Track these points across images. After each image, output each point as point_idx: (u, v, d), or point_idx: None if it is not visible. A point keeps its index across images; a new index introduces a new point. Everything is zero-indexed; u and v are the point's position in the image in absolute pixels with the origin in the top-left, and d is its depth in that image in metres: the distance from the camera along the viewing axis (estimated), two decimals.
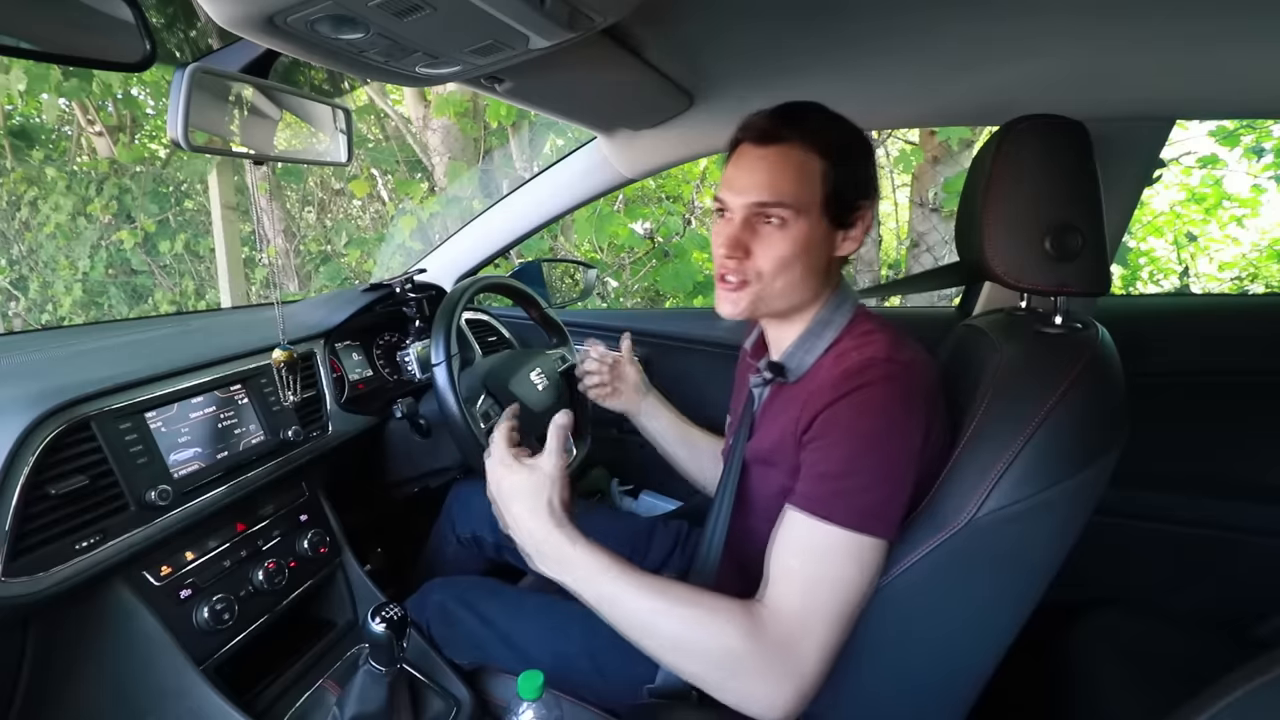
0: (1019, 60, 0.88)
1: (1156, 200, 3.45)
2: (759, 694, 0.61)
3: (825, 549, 0.62)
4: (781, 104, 0.74)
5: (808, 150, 0.71)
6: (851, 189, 0.73)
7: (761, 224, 0.72)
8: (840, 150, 0.72)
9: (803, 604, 0.62)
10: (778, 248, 0.72)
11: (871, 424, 0.64)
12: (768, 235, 0.72)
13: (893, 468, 0.63)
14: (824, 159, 0.71)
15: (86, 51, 0.64)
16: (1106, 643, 0.93)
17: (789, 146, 0.71)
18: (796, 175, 0.71)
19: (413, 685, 0.85)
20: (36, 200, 4.50)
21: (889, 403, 0.64)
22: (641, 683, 0.77)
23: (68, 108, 4.10)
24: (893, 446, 0.63)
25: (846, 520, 0.62)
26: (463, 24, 0.61)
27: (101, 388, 0.76)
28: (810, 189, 0.71)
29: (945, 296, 2.63)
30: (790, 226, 0.71)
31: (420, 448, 1.15)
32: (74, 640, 0.75)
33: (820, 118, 0.73)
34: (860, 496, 0.62)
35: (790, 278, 0.73)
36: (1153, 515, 1.21)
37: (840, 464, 0.63)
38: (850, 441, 0.64)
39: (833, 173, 0.71)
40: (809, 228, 0.71)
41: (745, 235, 0.72)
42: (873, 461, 0.63)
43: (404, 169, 3.75)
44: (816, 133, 0.72)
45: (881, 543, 0.63)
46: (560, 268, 1.88)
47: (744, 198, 0.72)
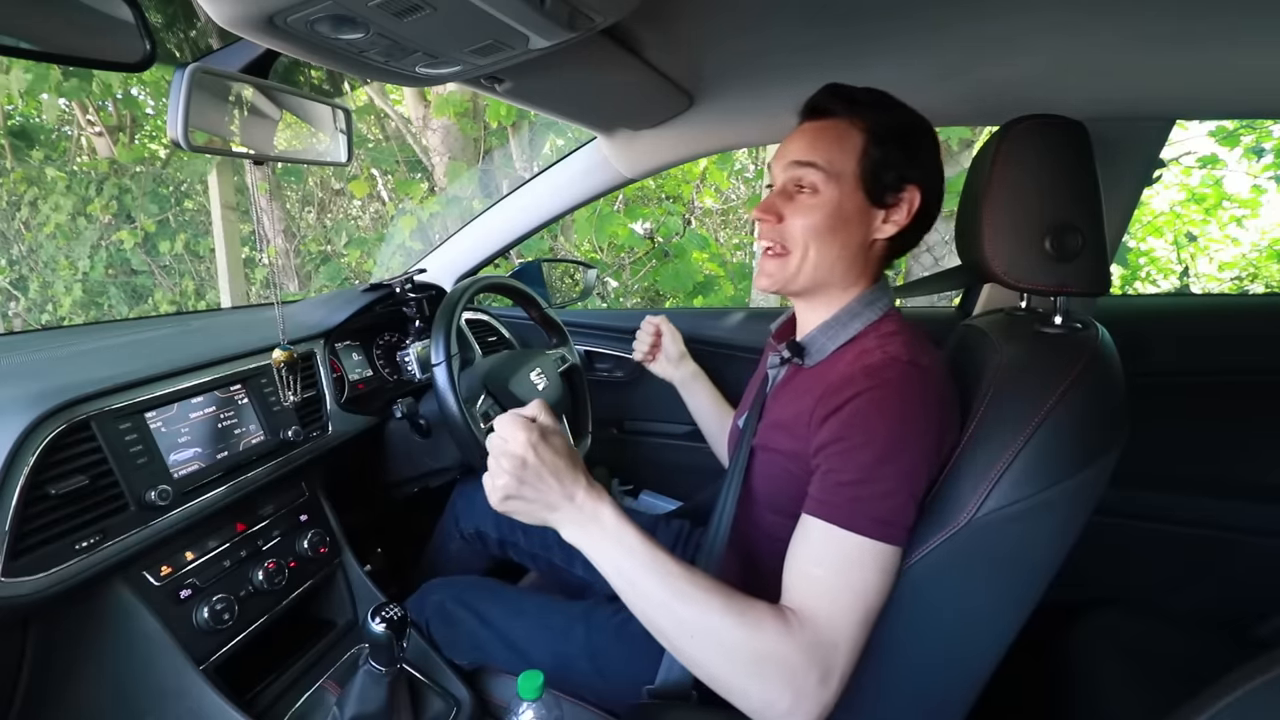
0: (1019, 60, 0.88)
1: (1156, 200, 3.45)
2: (784, 700, 0.58)
3: (848, 557, 0.61)
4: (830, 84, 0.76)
5: (851, 123, 0.73)
6: (894, 167, 0.73)
7: (797, 192, 0.74)
8: (885, 127, 0.73)
9: (832, 613, 0.60)
10: (809, 213, 0.73)
11: (889, 428, 0.63)
12: (801, 201, 0.74)
13: (909, 474, 0.63)
14: (865, 133, 0.73)
15: (86, 51, 0.64)
16: (1106, 642, 0.93)
17: (835, 120, 0.74)
18: (834, 142, 0.73)
19: (413, 685, 0.85)
20: (36, 200, 4.50)
21: (907, 406, 0.64)
22: (641, 683, 0.77)
23: (68, 108, 4.11)
24: (910, 452, 0.63)
25: (867, 529, 0.61)
26: (463, 24, 0.61)
27: (101, 388, 0.76)
28: (846, 157, 0.72)
29: (945, 296, 2.63)
30: (821, 192, 0.73)
31: (420, 448, 1.15)
32: (74, 640, 0.75)
33: (873, 97, 0.75)
34: (879, 504, 0.62)
35: (824, 250, 0.74)
36: (1153, 515, 1.21)
37: (859, 471, 0.63)
38: (869, 446, 0.63)
39: (873, 147, 0.72)
40: (841, 197, 0.73)
41: (779, 200, 0.75)
42: (891, 468, 0.62)
43: (404, 169, 3.75)
44: (864, 109, 0.73)
45: (899, 549, 0.63)
46: (560, 268, 1.88)
47: (784, 158, 0.75)
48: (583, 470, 0.65)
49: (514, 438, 0.63)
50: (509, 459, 0.63)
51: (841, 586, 0.61)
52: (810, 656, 0.58)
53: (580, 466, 0.66)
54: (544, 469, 0.63)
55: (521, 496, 0.63)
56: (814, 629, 0.60)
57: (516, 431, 0.63)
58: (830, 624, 0.60)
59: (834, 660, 0.59)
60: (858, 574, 0.61)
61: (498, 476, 0.63)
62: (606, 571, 0.63)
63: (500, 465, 0.63)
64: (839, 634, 0.60)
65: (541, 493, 0.63)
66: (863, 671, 0.69)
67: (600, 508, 0.64)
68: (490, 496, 0.65)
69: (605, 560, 0.63)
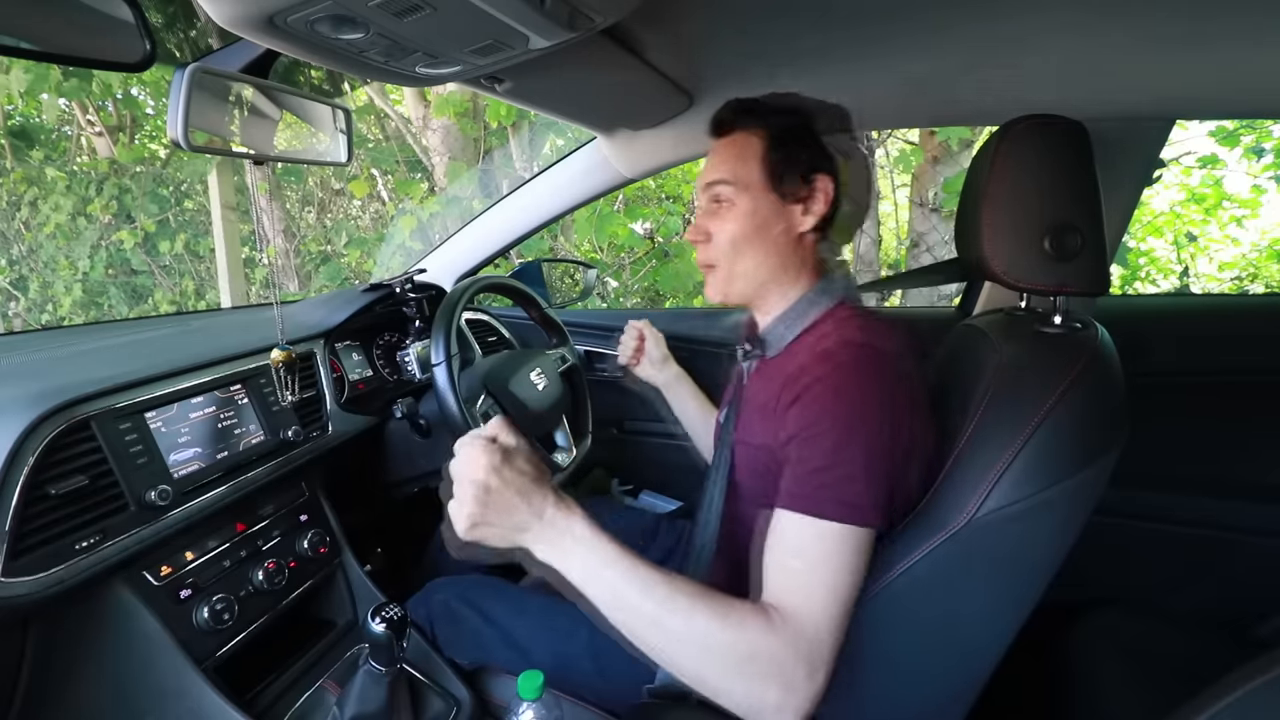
0: (1019, 60, 0.88)
1: (1156, 200, 3.45)
2: (771, 696, 0.58)
3: (820, 546, 0.62)
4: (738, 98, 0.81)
5: (750, 132, 0.78)
6: (798, 163, 0.77)
7: (713, 207, 0.79)
8: (781, 128, 0.78)
9: (811, 605, 0.61)
10: (729, 225, 0.77)
11: (846, 410, 0.64)
12: (720, 215, 0.78)
13: (873, 454, 0.63)
14: (763, 139, 0.77)
15: (86, 51, 0.64)
16: (1106, 642, 0.93)
17: (735, 133, 0.79)
18: (736, 155, 0.78)
19: (413, 685, 0.85)
20: (36, 200, 4.50)
21: (862, 387, 0.65)
22: (642, 683, 0.77)
23: (68, 108, 4.10)
24: (870, 432, 0.63)
25: (835, 514, 0.61)
26: (463, 24, 0.61)
27: (101, 388, 0.76)
28: (749, 166, 0.77)
29: (945, 296, 2.63)
30: (734, 204, 0.77)
31: (420, 448, 1.15)
32: (74, 640, 0.75)
33: (771, 102, 0.79)
34: (845, 487, 0.62)
35: (752, 256, 0.78)
36: (1153, 515, 1.21)
37: (822, 457, 0.63)
38: (829, 432, 0.64)
39: (773, 150, 0.77)
40: (754, 203, 0.77)
41: (704, 220, 0.79)
42: (853, 451, 0.63)
43: (404, 169, 3.75)
44: (759, 116, 0.78)
45: (871, 532, 0.63)
46: (560, 268, 1.88)
47: (699, 184, 0.80)
48: (550, 485, 0.64)
49: (474, 462, 0.61)
50: (471, 485, 0.61)
51: (818, 576, 0.61)
52: (796, 651, 0.59)
53: (547, 481, 0.64)
54: (508, 490, 0.61)
55: (488, 522, 0.61)
56: (796, 623, 0.60)
57: (477, 455, 0.61)
58: (811, 616, 0.60)
59: (819, 652, 0.59)
60: (832, 562, 0.61)
61: (463, 504, 0.61)
62: (582, 583, 0.61)
63: (464, 492, 0.61)
64: (821, 625, 0.60)
65: (509, 515, 0.61)
66: (863, 671, 0.69)
67: (572, 521, 0.62)
68: (456, 525, 0.62)
69: (583, 573, 0.61)
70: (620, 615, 0.61)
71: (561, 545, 0.62)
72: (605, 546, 0.62)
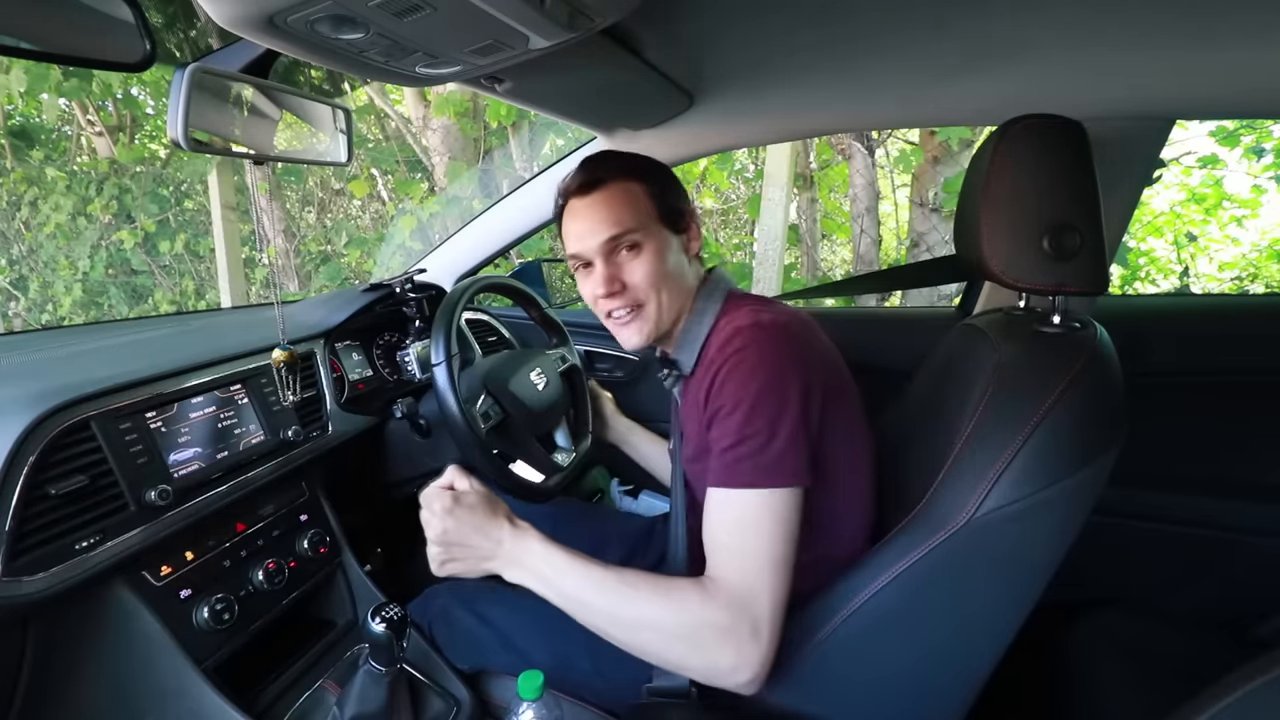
0: (1019, 61, 0.88)
1: (1156, 200, 3.45)
2: (725, 660, 0.64)
3: (744, 515, 0.67)
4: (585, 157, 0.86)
5: (626, 181, 0.82)
6: (672, 198, 0.84)
7: (619, 256, 0.81)
8: (648, 171, 0.84)
9: (741, 569, 0.65)
10: (644, 268, 0.81)
11: (749, 387, 0.69)
12: (630, 263, 0.81)
13: (781, 418, 0.67)
14: (640, 181, 0.82)
15: (86, 51, 0.64)
16: (1106, 642, 0.93)
17: (610, 185, 0.81)
18: (630, 203, 0.81)
19: (413, 685, 0.85)
20: (36, 200, 4.50)
21: (759, 361, 0.70)
22: (641, 683, 0.77)
23: (68, 108, 4.11)
24: (775, 399, 0.68)
25: (753, 481, 0.66)
26: (463, 24, 0.61)
27: (101, 388, 0.76)
28: (645, 209, 0.81)
29: (945, 296, 2.63)
30: (645, 247, 0.81)
31: (420, 448, 1.15)
32: (74, 640, 0.75)
33: (620, 155, 0.86)
34: (759, 456, 0.67)
35: (669, 290, 0.82)
36: (1152, 515, 1.21)
37: (734, 432, 0.68)
38: (736, 410, 0.68)
39: (653, 189, 0.82)
40: (659, 242, 0.81)
41: (613, 271, 0.81)
42: (761, 422, 0.67)
43: (404, 169, 3.75)
44: (624, 166, 0.83)
45: (794, 491, 0.67)
46: (560, 268, 1.88)
47: (596, 239, 0.80)
48: (504, 514, 0.74)
49: (429, 509, 0.74)
50: (432, 531, 0.74)
51: (743, 542, 0.66)
52: (734, 614, 0.64)
53: (501, 512, 0.74)
54: (464, 529, 0.72)
55: (454, 558, 0.74)
56: (729, 587, 0.65)
57: (432, 503, 0.74)
58: (743, 578, 0.65)
59: (758, 610, 0.64)
60: (753, 526, 0.66)
61: (430, 548, 0.74)
62: (549, 594, 0.70)
63: (429, 535, 0.74)
64: (753, 586, 0.65)
65: (471, 550, 0.73)
66: (862, 670, 0.69)
67: (527, 542, 0.72)
68: (430, 567, 0.74)
69: (544, 584, 0.70)
70: (584, 614, 0.70)
71: (523, 565, 0.72)
72: (559, 558, 0.70)
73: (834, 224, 3.46)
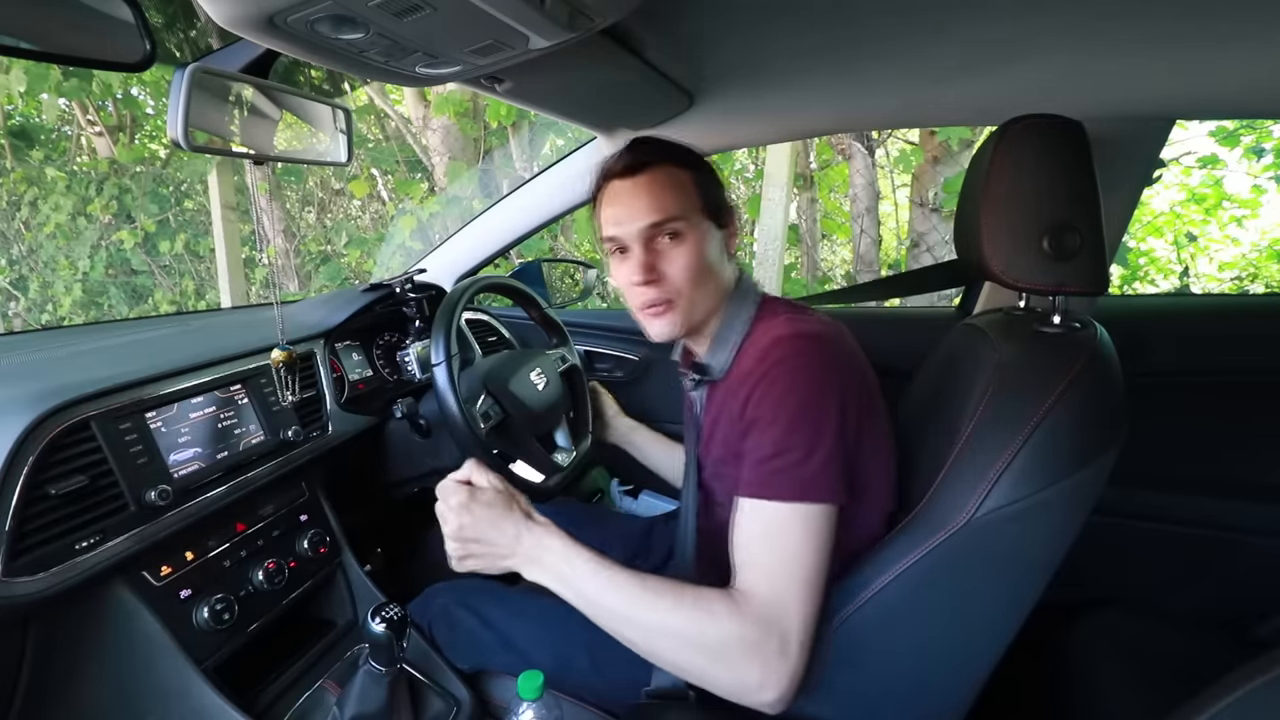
0: (1019, 61, 0.88)
1: (1156, 200, 3.45)
2: (752, 676, 0.61)
3: (779, 527, 0.65)
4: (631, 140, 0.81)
5: (673, 167, 0.78)
6: (717, 190, 0.81)
7: (658, 244, 0.77)
8: (696, 160, 0.80)
9: (772, 583, 0.63)
10: (684, 259, 0.77)
11: (790, 400, 0.67)
12: (670, 252, 0.77)
13: (821, 434, 0.66)
14: (688, 169, 0.79)
15: (86, 51, 0.64)
16: (1106, 643, 0.93)
17: (656, 169, 0.77)
18: (676, 190, 0.77)
19: (413, 685, 0.85)
20: (36, 200, 4.50)
21: (800, 373, 0.68)
22: (640, 684, 0.77)
23: (68, 108, 4.11)
24: (816, 413, 0.66)
25: (790, 494, 0.64)
26: (463, 24, 0.61)
27: (101, 388, 0.76)
28: (691, 199, 0.78)
29: (945, 296, 2.63)
30: (687, 237, 0.77)
31: (420, 448, 1.15)
32: (74, 640, 0.75)
33: (667, 141, 0.81)
34: (797, 469, 0.65)
35: (705, 285, 0.78)
36: (1152, 515, 1.21)
37: (772, 444, 0.66)
38: (776, 421, 0.67)
39: (700, 179, 0.79)
40: (702, 234, 0.78)
41: (651, 259, 0.77)
42: (800, 435, 0.65)
43: (404, 169, 3.75)
44: (673, 152, 0.79)
45: (830, 508, 0.65)
46: (560, 268, 1.88)
47: (637, 224, 0.76)
48: (522, 510, 0.71)
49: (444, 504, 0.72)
50: (448, 526, 0.72)
51: (776, 555, 0.64)
52: (763, 629, 0.61)
53: (518, 508, 0.72)
54: (480, 525, 0.71)
55: (472, 555, 0.72)
56: (759, 602, 0.63)
57: (448, 498, 0.72)
58: (774, 592, 0.63)
59: (787, 626, 0.62)
60: (788, 540, 0.64)
61: (447, 544, 0.73)
62: (568, 595, 0.68)
63: (445, 532, 0.72)
64: (784, 601, 0.62)
65: (489, 546, 0.71)
66: (862, 670, 0.69)
67: (546, 540, 0.69)
68: (450, 563, 0.73)
69: (563, 585, 0.68)
70: (604, 618, 0.67)
71: (542, 564, 0.69)
72: (580, 559, 0.68)
73: (834, 224, 3.46)
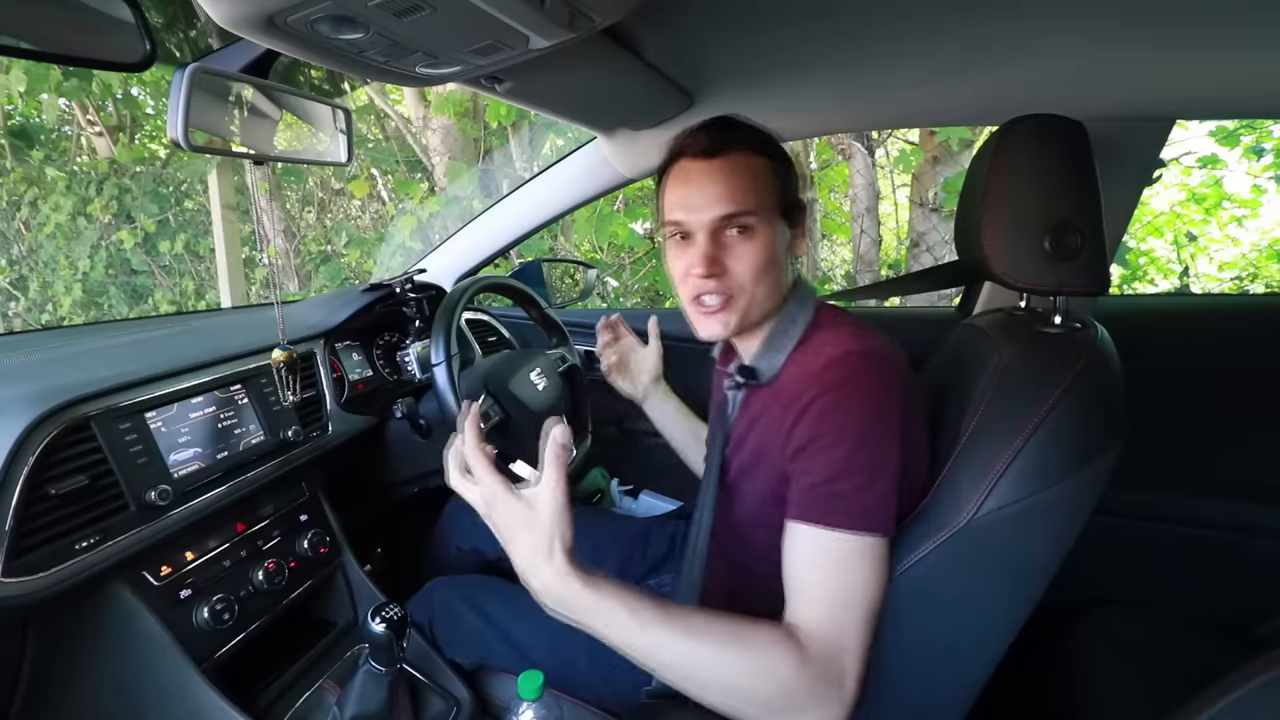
0: (1019, 61, 0.88)
1: (1156, 200, 3.45)
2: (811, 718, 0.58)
3: (838, 557, 0.61)
4: (711, 118, 0.74)
5: (754, 155, 0.72)
6: (794, 184, 0.75)
7: (726, 236, 0.71)
8: (776, 150, 0.74)
9: (834, 617, 0.60)
10: (751, 256, 0.71)
11: (855, 420, 0.63)
12: (737, 246, 0.71)
13: (883, 462, 0.63)
14: (770, 160, 0.73)
15: (86, 51, 0.64)
16: (1106, 643, 0.93)
17: (737, 154, 0.71)
18: (753, 181, 0.71)
19: (413, 685, 0.85)
20: (36, 200, 4.50)
21: (868, 396, 0.64)
22: (641, 684, 0.76)
23: (68, 108, 4.10)
24: (879, 440, 0.63)
25: (850, 523, 0.61)
26: (463, 24, 0.61)
27: (101, 388, 0.76)
28: (767, 192, 0.72)
29: (945, 296, 2.63)
30: (758, 233, 0.71)
31: (420, 448, 1.15)
32: (74, 640, 0.75)
33: (750, 124, 0.74)
34: (858, 497, 0.62)
35: (768, 285, 0.73)
36: (1153, 515, 1.21)
37: (832, 468, 0.63)
38: (840, 444, 0.63)
39: (781, 171, 0.73)
40: (773, 231, 0.72)
41: (716, 251, 0.71)
42: (863, 460, 0.62)
43: (404, 169, 3.75)
44: (757, 139, 0.73)
45: (887, 540, 0.63)
46: (560, 268, 1.88)
47: (708, 213, 0.70)
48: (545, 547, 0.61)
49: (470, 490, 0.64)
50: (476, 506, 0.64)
51: (838, 588, 0.61)
52: (824, 671, 0.58)
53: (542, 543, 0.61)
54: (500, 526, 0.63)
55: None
56: (822, 641, 0.59)
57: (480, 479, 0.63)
58: (836, 630, 0.60)
59: (847, 665, 0.59)
60: (851, 572, 0.61)
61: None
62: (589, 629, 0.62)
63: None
64: (846, 638, 0.60)
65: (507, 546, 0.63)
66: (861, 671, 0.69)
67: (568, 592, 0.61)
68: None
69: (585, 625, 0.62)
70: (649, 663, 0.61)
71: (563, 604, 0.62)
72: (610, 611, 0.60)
73: (834, 224, 3.46)
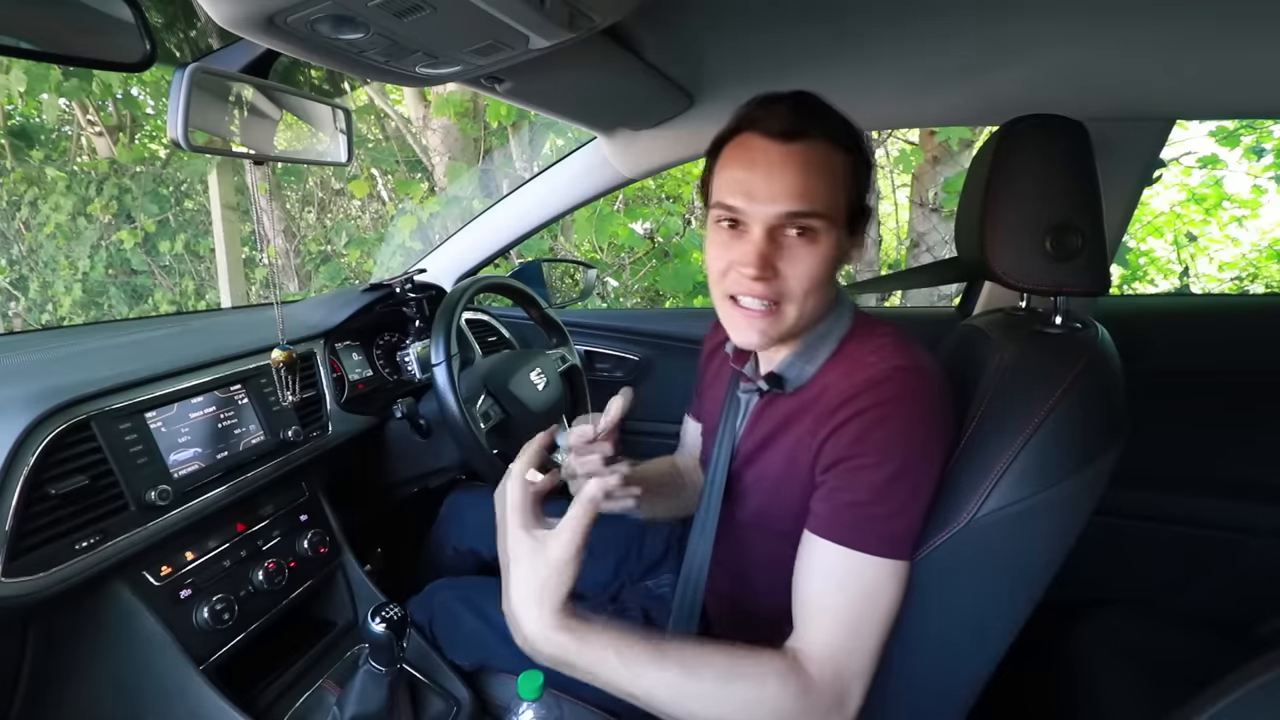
0: (1019, 61, 0.88)
1: (1156, 200, 3.45)
2: None
3: (865, 581, 0.59)
4: (793, 91, 0.64)
5: (834, 147, 0.62)
6: (868, 185, 0.67)
7: (784, 235, 0.62)
8: (858, 143, 0.65)
9: (848, 641, 0.59)
10: (809, 263, 0.62)
11: (901, 445, 0.60)
12: (796, 249, 0.62)
13: (920, 488, 0.61)
14: (851, 155, 0.63)
15: (86, 51, 0.64)
16: (1106, 643, 0.93)
17: (815, 143, 0.61)
18: (830, 178, 0.62)
19: (413, 685, 0.85)
20: (36, 200, 4.50)
21: (917, 419, 0.61)
22: None
23: (68, 108, 4.10)
24: (921, 466, 0.61)
25: (882, 549, 0.59)
26: (463, 24, 0.61)
27: (101, 388, 0.76)
28: (842, 194, 0.63)
29: (945, 296, 2.63)
30: (821, 239, 0.62)
31: (420, 448, 1.15)
32: (74, 640, 0.75)
33: (833, 109, 0.65)
34: (893, 522, 0.60)
35: (818, 298, 0.65)
36: (1153, 515, 1.21)
37: (870, 490, 0.60)
38: (881, 465, 0.60)
39: (857, 167, 0.64)
40: (837, 238, 0.63)
41: (771, 251, 0.62)
42: (903, 485, 0.60)
43: (404, 169, 3.75)
44: (839, 128, 0.64)
45: (908, 563, 0.62)
46: (560, 268, 1.88)
47: (772, 206, 0.61)
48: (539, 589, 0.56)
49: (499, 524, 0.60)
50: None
51: (860, 611, 0.59)
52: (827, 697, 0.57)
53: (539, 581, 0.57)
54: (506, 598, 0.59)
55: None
56: (832, 666, 0.57)
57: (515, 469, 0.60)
58: (848, 654, 0.58)
59: (853, 691, 0.58)
60: (876, 596, 0.60)
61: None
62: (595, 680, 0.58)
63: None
64: (857, 662, 0.58)
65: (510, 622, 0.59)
66: None
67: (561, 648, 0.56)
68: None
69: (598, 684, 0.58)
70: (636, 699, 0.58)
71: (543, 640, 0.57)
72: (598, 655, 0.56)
73: None
